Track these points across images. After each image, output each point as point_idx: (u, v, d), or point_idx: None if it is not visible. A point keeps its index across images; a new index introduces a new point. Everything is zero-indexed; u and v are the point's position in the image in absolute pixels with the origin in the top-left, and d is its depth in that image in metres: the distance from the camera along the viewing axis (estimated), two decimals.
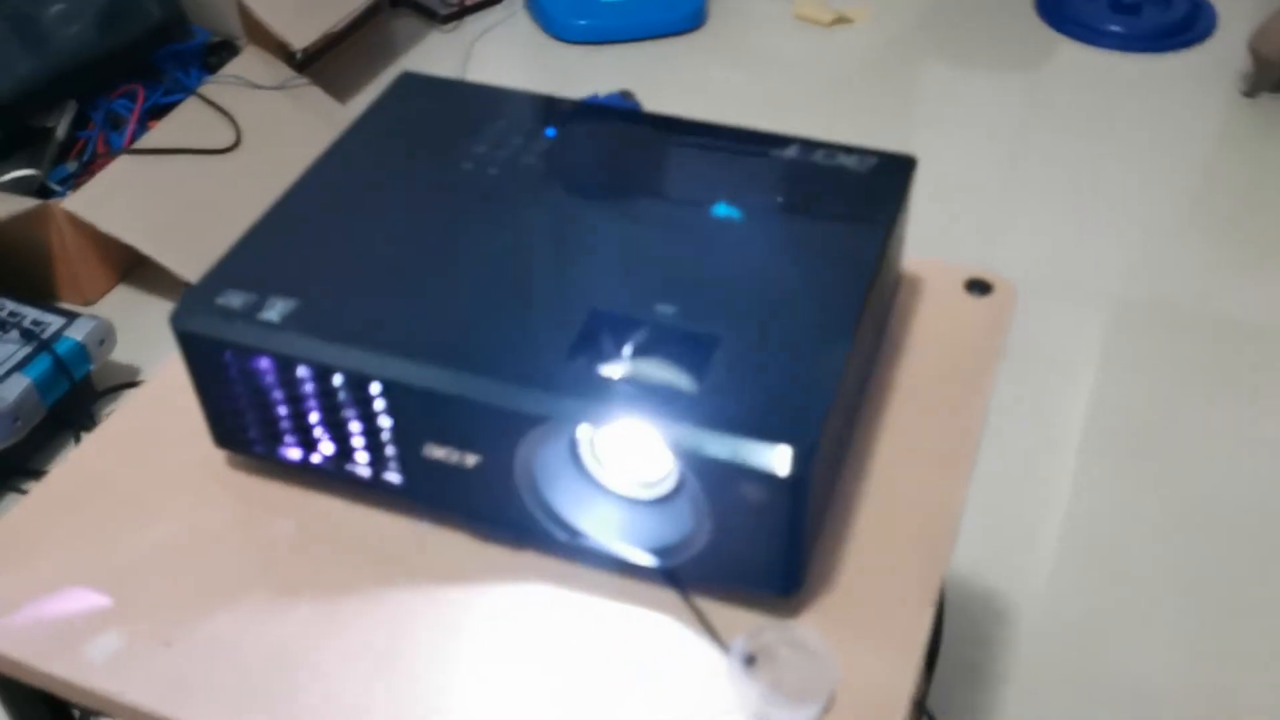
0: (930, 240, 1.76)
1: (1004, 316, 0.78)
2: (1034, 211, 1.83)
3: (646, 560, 0.61)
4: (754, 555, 0.57)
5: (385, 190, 0.69)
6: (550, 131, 0.74)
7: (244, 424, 0.65)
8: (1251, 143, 1.95)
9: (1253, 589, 1.28)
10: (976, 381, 0.73)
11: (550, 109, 0.76)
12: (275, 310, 0.62)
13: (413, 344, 0.59)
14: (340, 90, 2.01)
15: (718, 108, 2.07)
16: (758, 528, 0.56)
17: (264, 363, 0.62)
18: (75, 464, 0.70)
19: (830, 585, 0.61)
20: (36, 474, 1.44)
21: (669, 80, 2.12)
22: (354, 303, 0.62)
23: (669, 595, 0.62)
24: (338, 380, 0.60)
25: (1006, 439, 1.46)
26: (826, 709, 0.57)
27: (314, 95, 1.86)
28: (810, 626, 0.59)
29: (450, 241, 0.66)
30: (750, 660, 0.58)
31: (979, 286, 0.80)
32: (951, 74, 2.16)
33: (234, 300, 0.62)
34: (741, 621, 0.60)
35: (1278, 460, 1.42)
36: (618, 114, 0.75)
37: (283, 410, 0.63)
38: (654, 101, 2.08)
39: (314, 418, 0.63)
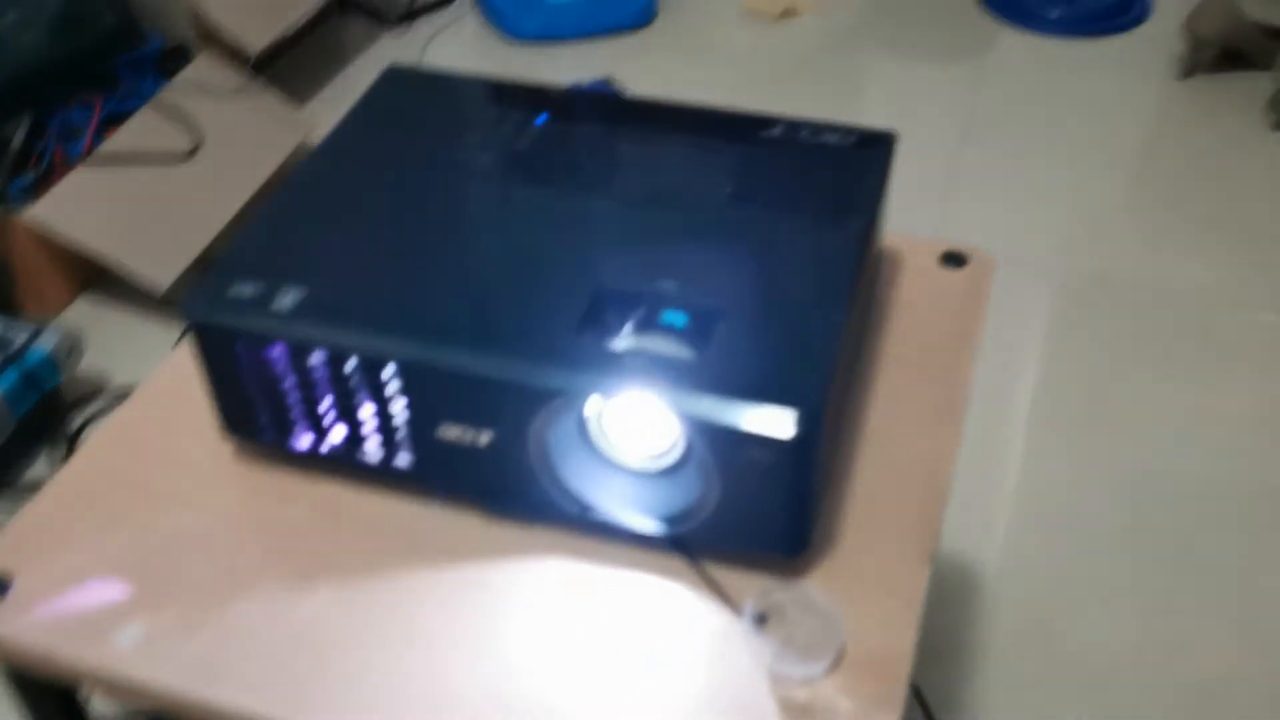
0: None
1: (983, 284, 0.81)
2: (980, 194, 1.88)
3: (655, 528, 0.63)
4: (761, 518, 0.60)
5: (384, 178, 0.71)
6: (540, 119, 0.76)
7: (254, 412, 0.67)
8: (1187, 122, 2.01)
9: (1199, 552, 1.33)
10: (962, 347, 0.76)
11: (538, 97, 0.78)
12: (287, 299, 0.63)
13: (425, 326, 0.61)
14: (296, 93, 2.01)
15: (661, 94, 2.09)
16: (764, 491, 0.59)
17: (277, 351, 0.63)
18: (91, 456, 0.71)
19: (833, 545, 0.64)
20: (8, 485, 1.43)
21: (624, 76, 2.14)
22: (363, 288, 0.64)
23: (678, 563, 0.64)
24: (351, 365, 0.62)
25: None
26: (836, 662, 0.59)
27: (270, 99, 1.86)
28: (816, 585, 0.62)
29: (453, 226, 0.68)
30: (762, 620, 0.60)
31: (954, 259, 0.83)
32: (897, 63, 2.20)
33: (245, 290, 0.64)
34: (749, 584, 0.63)
35: (1218, 428, 1.47)
36: (606, 100, 0.77)
37: (294, 398, 0.65)
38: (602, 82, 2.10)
39: (325, 404, 0.65)
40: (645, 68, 2.18)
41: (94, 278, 1.70)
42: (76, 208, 1.58)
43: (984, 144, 1.98)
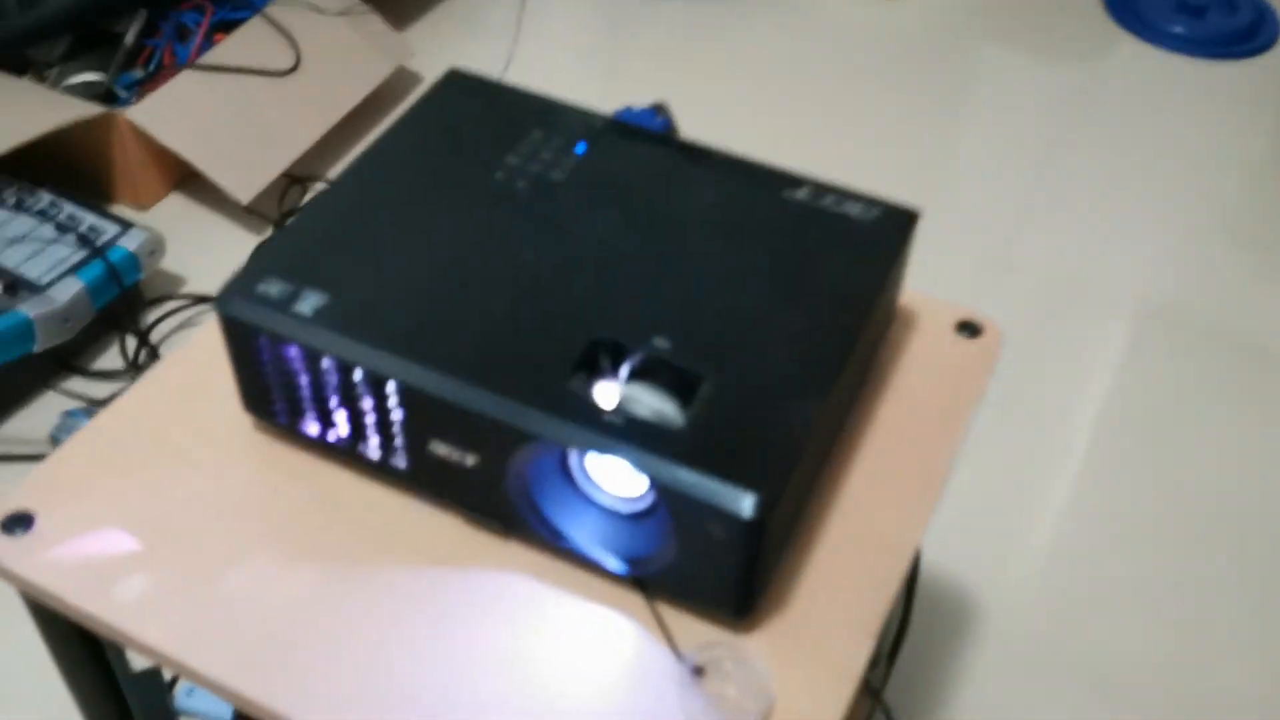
0: (956, 228, 1.79)
1: (988, 361, 0.82)
2: (1066, 204, 1.85)
3: (617, 567, 0.67)
4: (713, 579, 0.64)
5: (419, 195, 0.75)
6: (580, 148, 0.78)
7: (271, 398, 0.72)
8: None
9: (1232, 597, 1.34)
10: (952, 423, 0.78)
11: (583, 124, 0.81)
12: (308, 304, 0.68)
13: (429, 352, 0.65)
14: (400, 18, 2.05)
15: (760, 72, 2.09)
16: (718, 557, 0.62)
17: (294, 351, 0.68)
18: (123, 409, 0.77)
19: (782, 609, 0.68)
20: (82, 371, 1.52)
21: (726, 44, 2.14)
22: (380, 304, 0.68)
23: (635, 599, 0.68)
24: (358, 375, 0.67)
25: (1008, 436, 1.51)
26: None
27: (374, 24, 1.90)
28: (758, 646, 0.66)
29: (474, 252, 0.71)
30: (699, 671, 0.64)
31: (969, 328, 0.84)
32: (1007, 56, 2.16)
33: (272, 289, 0.68)
34: (698, 632, 0.67)
35: (1275, 473, 1.47)
36: (645, 136, 0.80)
37: (307, 393, 0.70)
38: (700, 59, 2.10)
39: (334, 403, 0.69)
40: (748, 39, 2.17)
41: (188, 177, 1.77)
42: (175, 112, 1.64)
43: (1078, 152, 1.95)
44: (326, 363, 0.67)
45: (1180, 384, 1.59)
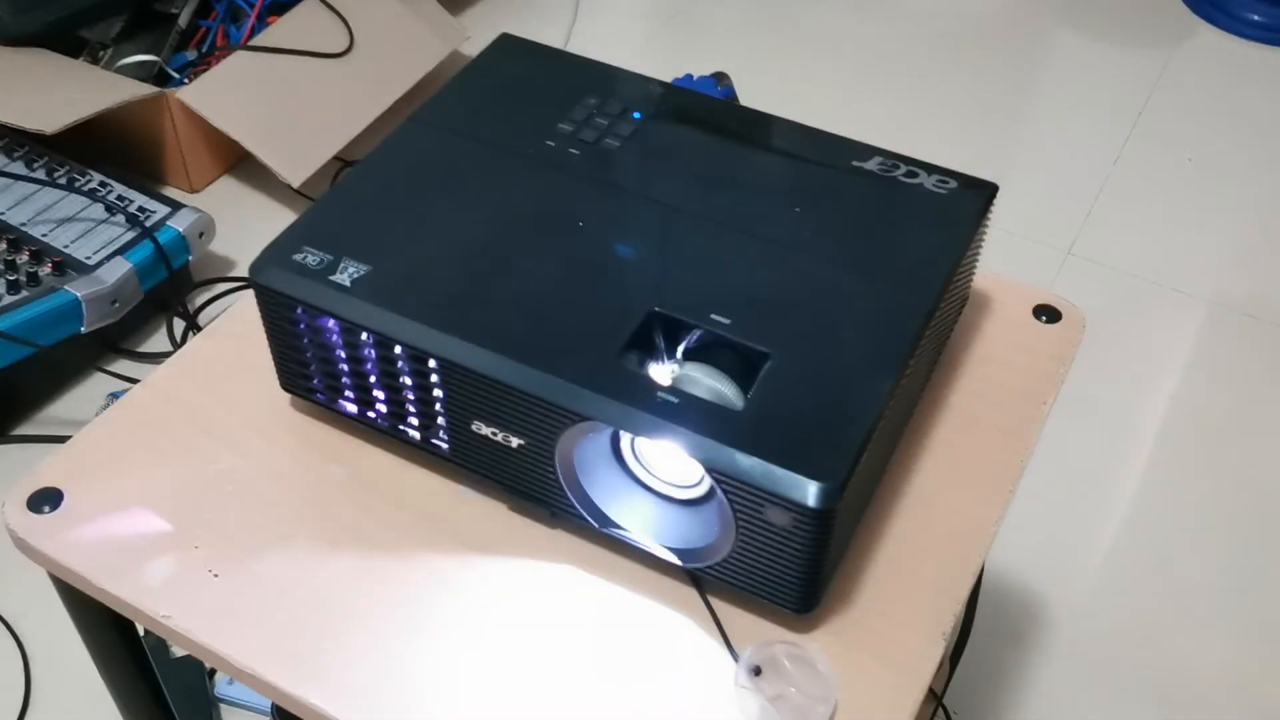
0: (1030, 214, 1.73)
1: (1069, 349, 0.77)
2: (1141, 194, 1.78)
3: (671, 558, 0.63)
4: (774, 572, 0.59)
5: (467, 161, 0.71)
6: (637, 114, 0.74)
7: (309, 374, 0.68)
8: None
9: None
10: (1032, 410, 0.73)
11: (641, 90, 0.76)
12: (347, 274, 0.64)
13: (473, 326, 0.61)
14: (453, 3, 2.02)
15: (827, 51, 2.03)
16: (780, 549, 0.58)
17: (331, 324, 0.64)
18: (157, 385, 0.74)
19: (847, 606, 0.63)
20: (129, 353, 1.51)
21: (791, 18, 2.09)
22: (422, 275, 0.64)
23: (689, 593, 0.64)
24: (398, 350, 0.63)
25: (1074, 431, 1.44)
26: None
27: (429, 6, 1.87)
28: (820, 645, 0.61)
29: (523, 223, 0.67)
30: (757, 671, 0.60)
31: (1047, 313, 0.79)
32: (1080, 40, 2.09)
33: (310, 259, 0.65)
34: (756, 629, 0.62)
35: None
36: (706, 104, 0.76)
37: (345, 368, 0.66)
38: (765, 40, 2.05)
39: (373, 379, 0.66)
40: (815, 18, 2.11)
41: (239, 160, 1.75)
42: (227, 94, 1.62)
43: (1152, 140, 1.87)
44: (365, 336, 0.64)
45: (1255, 381, 1.52)
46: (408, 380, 0.64)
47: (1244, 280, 1.65)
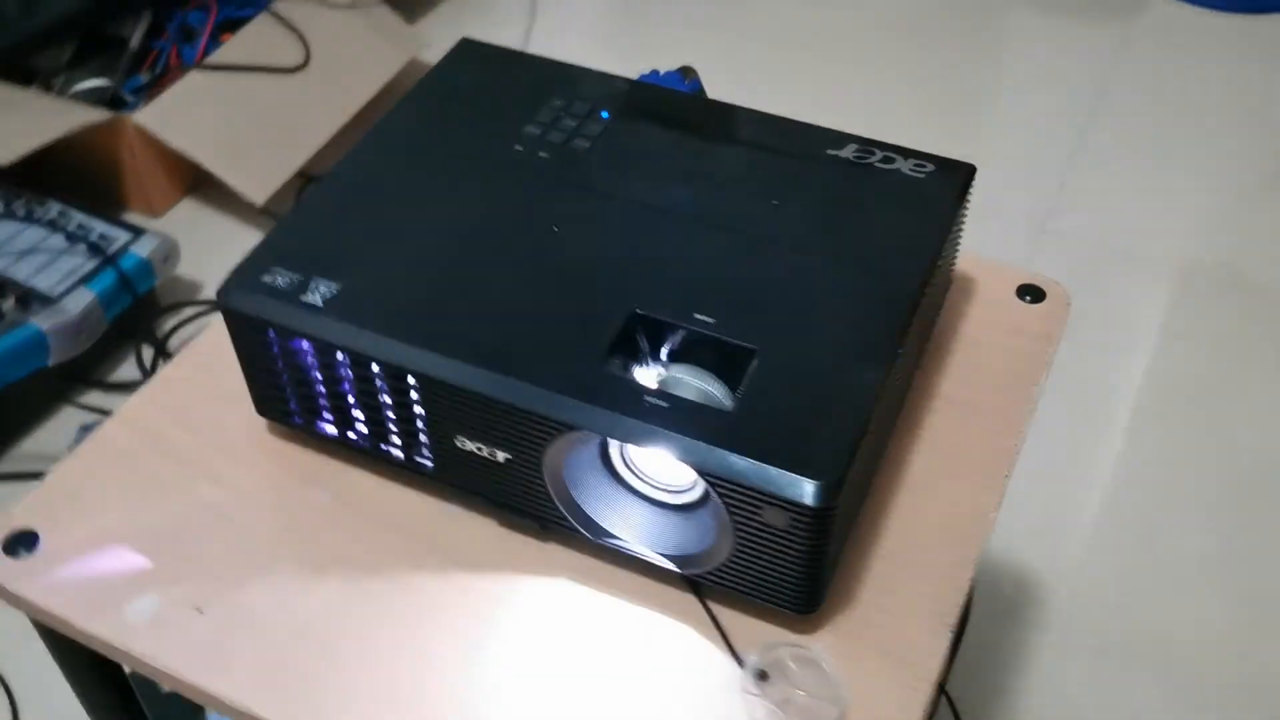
0: (999, 193, 1.72)
1: (1055, 328, 0.76)
2: (1108, 167, 1.78)
3: (668, 565, 0.61)
4: (774, 574, 0.58)
5: (434, 170, 0.69)
6: (605, 114, 0.73)
7: (284, 397, 0.66)
8: None
9: None
10: (1023, 391, 0.72)
11: (607, 89, 0.75)
12: (318, 293, 0.62)
13: (450, 339, 0.60)
14: (409, 9, 2.00)
15: (787, 40, 2.02)
16: (778, 550, 0.57)
17: (305, 345, 0.62)
18: (129, 416, 0.72)
19: (849, 603, 0.62)
20: (99, 384, 1.48)
21: (742, 9, 2.08)
22: (395, 290, 0.62)
23: (688, 600, 0.62)
24: (375, 368, 0.61)
25: (1054, 405, 1.44)
26: None
27: (383, 15, 1.84)
28: (825, 646, 0.60)
29: (495, 230, 0.66)
30: (762, 675, 0.59)
31: (1031, 293, 0.78)
32: (1038, 20, 2.09)
33: (279, 279, 0.63)
34: (758, 633, 0.61)
35: None
36: (675, 99, 0.74)
37: (321, 389, 0.65)
38: (723, 35, 2.04)
39: (351, 399, 0.64)
40: (771, 5, 2.10)
41: (200, 181, 1.72)
42: (184, 114, 1.60)
43: (1119, 115, 1.87)
44: (340, 356, 0.62)
45: (1232, 345, 1.52)
46: (387, 399, 0.63)
47: (1216, 248, 1.66)
